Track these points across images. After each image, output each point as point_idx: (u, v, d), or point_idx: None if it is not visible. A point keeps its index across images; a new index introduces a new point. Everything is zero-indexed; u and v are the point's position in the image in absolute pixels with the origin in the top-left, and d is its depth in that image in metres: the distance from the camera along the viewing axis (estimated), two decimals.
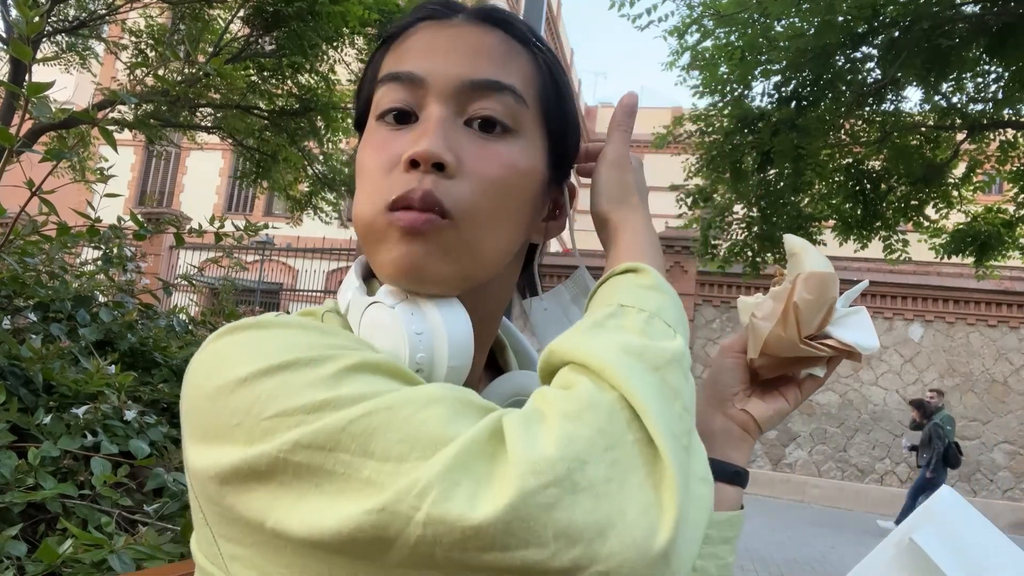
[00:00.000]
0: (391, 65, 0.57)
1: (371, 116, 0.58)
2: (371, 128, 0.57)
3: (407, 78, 0.55)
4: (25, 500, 1.25)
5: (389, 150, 0.54)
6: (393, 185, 0.52)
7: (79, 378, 1.60)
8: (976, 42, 5.51)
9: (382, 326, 0.53)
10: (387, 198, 0.52)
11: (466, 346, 0.53)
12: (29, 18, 1.60)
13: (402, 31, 0.59)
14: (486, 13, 0.60)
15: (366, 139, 0.58)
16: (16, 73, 4.67)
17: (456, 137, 0.53)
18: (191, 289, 3.03)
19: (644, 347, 0.45)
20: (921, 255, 8.37)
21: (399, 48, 0.58)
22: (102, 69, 9.47)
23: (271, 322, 0.48)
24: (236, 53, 6.73)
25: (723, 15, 5.99)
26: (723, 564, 0.64)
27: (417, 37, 0.58)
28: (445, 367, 0.52)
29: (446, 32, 0.57)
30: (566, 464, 0.38)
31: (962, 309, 11.11)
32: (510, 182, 0.55)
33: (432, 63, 0.55)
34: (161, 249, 11.33)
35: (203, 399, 0.45)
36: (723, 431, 0.68)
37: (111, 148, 1.78)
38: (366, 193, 0.54)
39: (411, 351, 0.51)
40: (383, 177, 0.53)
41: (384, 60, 0.59)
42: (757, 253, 7.48)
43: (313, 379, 0.42)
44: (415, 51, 0.57)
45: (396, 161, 0.53)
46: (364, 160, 0.56)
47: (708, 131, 7.12)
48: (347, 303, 0.59)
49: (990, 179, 7.20)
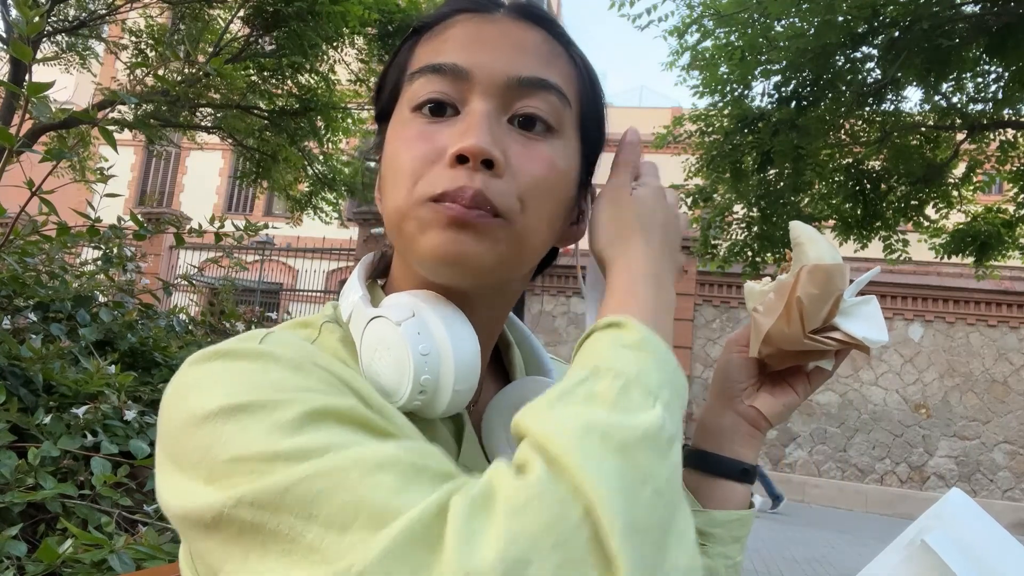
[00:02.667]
0: (429, 56, 0.55)
1: (402, 107, 0.56)
2: (404, 119, 0.55)
3: (451, 70, 0.53)
4: (25, 500, 1.25)
5: (430, 142, 0.52)
6: (437, 179, 0.51)
7: (79, 378, 1.60)
8: (976, 42, 5.51)
9: (386, 343, 0.52)
10: (431, 191, 0.51)
11: (472, 369, 0.52)
12: (29, 18, 1.60)
13: (437, 22, 0.58)
14: (528, 10, 0.58)
15: (398, 130, 0.55)
16: (16, 73, 4.67)
17: (501, 134, 0.52)
18: (191, 289, 3.03)
19: (611, 425, 0.39)
20: (921, 255, 8.37)
21: (436, 39, 0.56)
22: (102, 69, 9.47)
23: (246, 352, 0.46)
24: (236, 53, 6.72)
25: (723, 15, 5.98)
26: (732, 564, 0.64)
27: (458, 29, 0.56)
28: (450, 391, 0.51)
29: (490, 26, 0.56)
30: (504, 567, 0.34)
31: (962, 309, 11.10)
32: (552, 182, 0.55)
33: (477, 57, 0.54)
34: (161, 249, 11.33)
35: (171, 428, 0.45)
36: (732, 427, 0.67)
37: (111, 148, 1.78)
38: (402, 184, 0.53)
39: (415, 373, 0.50)
40: (424, 169, 0.52)
41: (417, 51, 0.58)
42: (757, 253, 7.48)
43: (271, 425, 0.41)
44: (457, 43, 0.55)
45: (438, 154, 0.52)
46: (398, 151, 0.54)
47: (708, 131, 7.12)
48: (349, 312, 0.57)
49: (990, 179, 7.20)
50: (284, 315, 11.48)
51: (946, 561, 0.51)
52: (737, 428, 0.67)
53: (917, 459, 11.00)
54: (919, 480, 10.96)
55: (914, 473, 10.98)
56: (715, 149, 6.87)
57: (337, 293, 0.67)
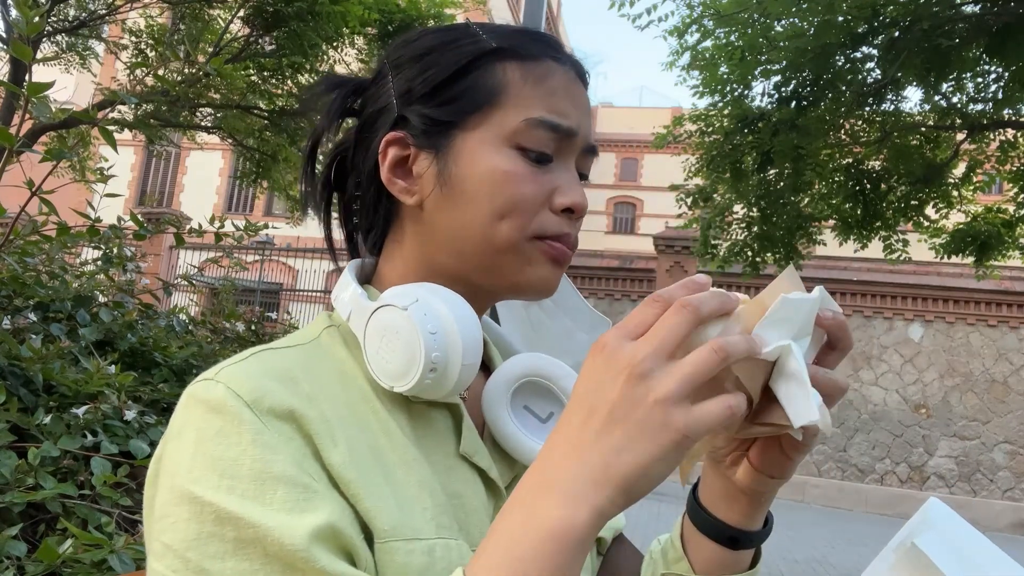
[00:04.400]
0: (539, 102, 0.59)
1: (497, 134, 0.59)
2: (503, 151, 0.59)
3: (566, 132, 0.60)
4: (25, 500, 1.25)
5: (540, 186, 0.59)
6: (547, 222, 0.59)
7: (79, 378, 1.60)
8: (976, 42, 5.52)
9: (395, 328, 0.56)
10: (539, 231, 0.59)
11: (477, 344, 0.57)
12: (29, 18, 1.60)
13: (530, 57, 0.61)
14: (582, 71, 0.65)
15: (496, 160, 0.59)
16: (16, 73, 4.67)
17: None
18: (191, 289, 3.03)
19: None
20: (921, 255, 8.37)
21: (540, 83, 0.60)
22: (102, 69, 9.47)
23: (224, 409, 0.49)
24: (236, 53, 6.73)
25: (723, 15, 5.99)
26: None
27: (558, 80, 0.61)
28: (460, 364, 0.55)
29: (576, 87, 0.62)
30: None
31: (962, 309, 11.11)
32: None
33: (579, 121, 0.61)
34: (161, 249, 11.32)
35: (153, 477, 0.51)
36: (723, 490, 0.59)
37: (111, 148, 1.78)
38: (508, 219, 0.58)
39: (426, 350, 0.54)
40: (532, 209, 0.59)
41: (515, 82, 0.60)
42: (757, 253, 7.48)
43: (191, 528, 0.46)
44: (564, 98, 0.61)
45: (544, 199, 0.59)
46: (501, 183, 0.58)
47: (708, 131, 7.13)
48: (349, 311, 0.60)
49: (990, 179, 7.20)
50: (284, 315, 11.48)
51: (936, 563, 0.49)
52: (727, 491, 0.59)
53: (917, 459, 11.01)
54: (919, 480, 10.96)
55: (914, 473, 10.98)
56: (715, 149, 6.88)
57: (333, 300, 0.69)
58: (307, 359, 0.57)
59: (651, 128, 7.99)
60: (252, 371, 0.52)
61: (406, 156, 0.61)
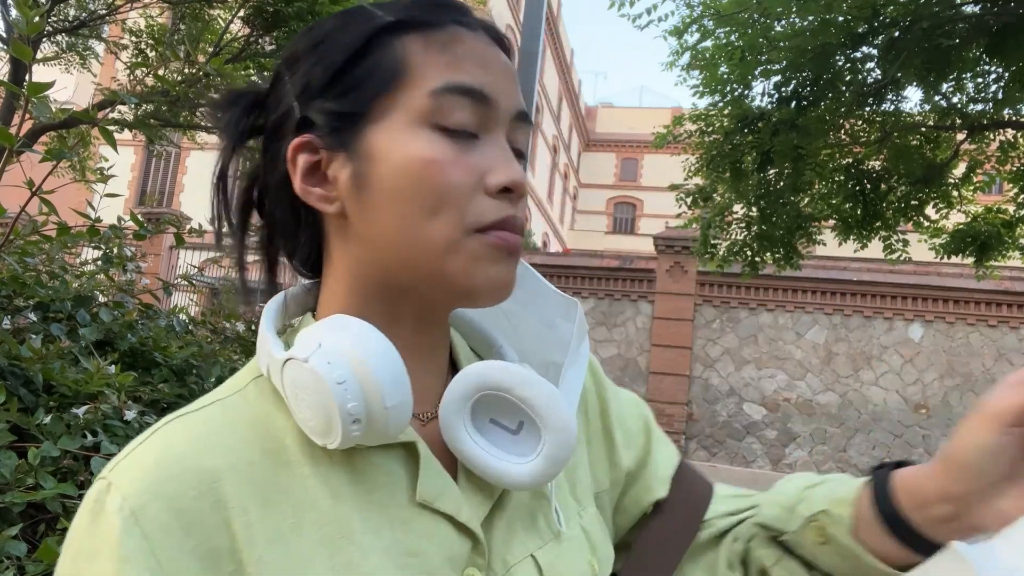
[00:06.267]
0: (444, 70, 0.52)
1: (411, 116, 0.52)
2: (416, 134, 0.52)
3: (479, 95, 0.52)
4: (25, 500, 1.25)
5: (464, 168, 0.51)
6: (485, 209, 0.52)
7: (79, 378, 1.60)
8: (976, 42, 5.51)
9: (303, 384, 0.48)
10: (479, 221, 0.52)
11: (397, 381, 0.48)
12: (29, 18, 1.60)
13: (432, 25, 0.54)
14: (499, 35, 0.58)
15: (413, 145, 0.51)
16: (16, 73, 4.67)
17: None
18: (191, 289, 3.03)
19: None
20: (921, 255, 8.37)
21: (447, 51, 0.53)
22: (102, 69, 9.47)
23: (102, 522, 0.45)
24: (236, 53, 6.73)
25: (723, 15, 5.99)
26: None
27: (467, 47, 0.54)
28: (382, 410, 0.47)
29: (489, 50, 0.55)
30: None
31: (962, 309, 11.10)
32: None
33: (496, 85, 0.54)
34: (161, 249, 11.33)
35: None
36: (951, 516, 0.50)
37: (111, 148, 1.78)
38: (439, 214, 0.51)
39: (339, 405, 0.47)
40: (464, 197, 0.51)
41: (416, 55, 0.53)
42: (756, 253, 7.48)
43: None
44: (474, 64, 0.53)
45: (477, 182, 0.52)
46: (424, 171, 0.51)
47: (708, 131, 7.13)
48: (266, 365, 0.53)
49: (990, 179, 7.20)
50: None
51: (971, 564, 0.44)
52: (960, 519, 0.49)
53: (917, 459, 10.98)
54: None
55: None
56: (715, 149, 6.88)
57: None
58: (225, 421, 0.51)
59: (651, 128, 7.99)
60: (147, 467, 0.46)
61: (318, 161, 0.54)
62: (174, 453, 0.47)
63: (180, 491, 0.46)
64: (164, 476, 0.46)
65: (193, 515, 0.45)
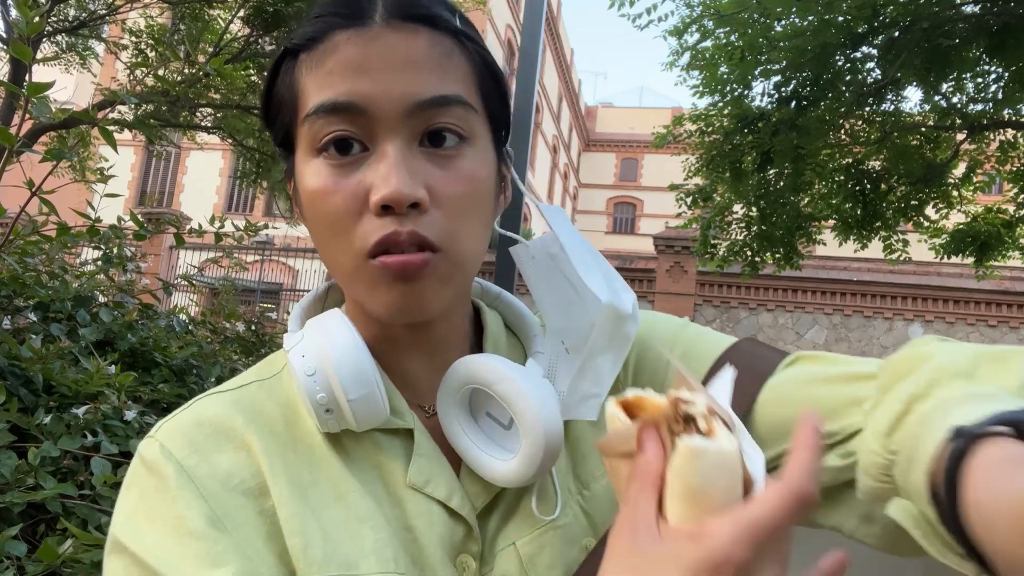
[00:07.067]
0: (317, 92, 0.51)
1: (303, 147, 0.53)
2: (311, 163, 0.52)
3: (345, 108, 0.50)
4: (25, 500, 1.25)
5: (346, 191, 0.50)
6: (368, 231, 0.50)
7: (79, 378, 1.60)
8: (976, 42, 5.52)
9: (291, 372, 0.53)
10: (365, 245, 0.50)
11: (359, 374, 0.51)
12: (29, 18, 1.60)
13: (314, 41, 0.52)
14: (406, 10, 0.51)
15: (308, 176, 0.52)
16: (16, 73, 4.67)
17: (417, 166, 0.50)
18: (191, 289, 3.03)
19: None
20: (921, 255, 8.37)
21: (319, 69, 0.51)
22: (102, 69, 9.48)
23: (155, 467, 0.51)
24: (236, 53, 6.72)
25: (723, 15, 5.99)
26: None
27: (339, 54, 0.50)
28: (346, 403, 0.51)
29: (370, 45, 0.50)
30: None
31: (962, 309, 11.11)
32: (476, 195, 0.53)
33: (369, 86, 0.49)
34: (161, 249, 11.33)
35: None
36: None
37: (111, 148, 1.78)
38: (336, 242, 0.52)
39: (308, 395, 0.51)
40: (351, 222, 0.50)
41: (303, 81, 0.52)
42: (756, 253, 7.49)
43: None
44: (342, 73, 0.50)
45: (360, 204, 0.50)
46: (316, 202, 0.52)
47: (708, 131, 7.13)
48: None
49: (990, 179, 7.21)
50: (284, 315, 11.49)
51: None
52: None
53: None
54: None
55: None
56: (715, 149, 6.88)
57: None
58: (257, 398, 0.56)
59: (651, 128, 7.99)
60: (188, 427, 0.53)
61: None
62: (208, 415, 0.54)
63: (216, 443, 0.52)
64: (202, 432, 0.53)
65: (230, 461, 0.52)
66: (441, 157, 0.52)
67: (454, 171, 0.52)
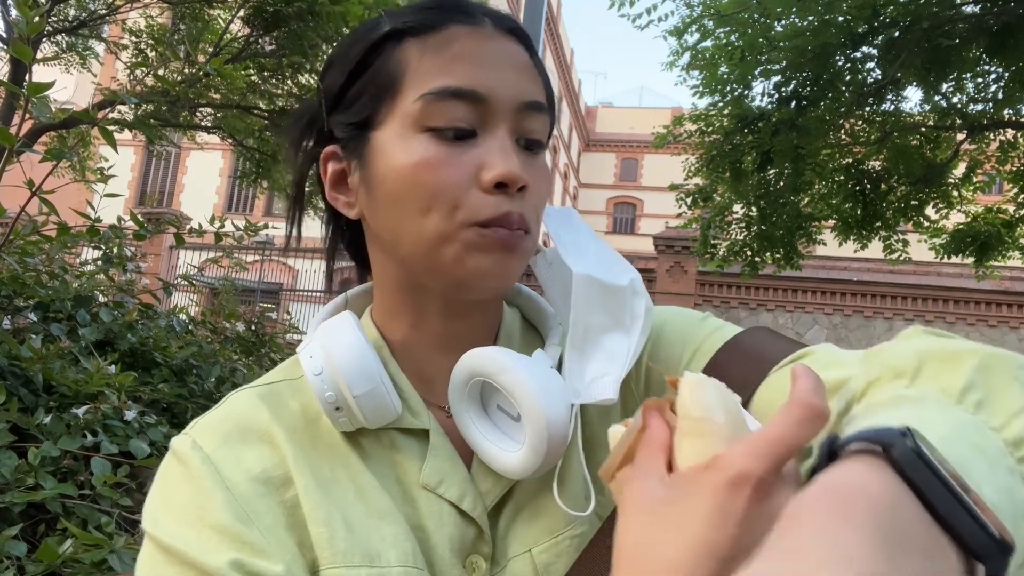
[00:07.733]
0: (439, 75, 0.54)
1: (405, 122, 0.54)
2: (416, 138, 0.54)
3: (470, 96, 0.54)
4: (25, 500, 1.25)
5: (458, 167, 0.53)
6: (479, 205, 0.53)
7: (79, 378, 1.60)
8: (976, 42, 5.52)
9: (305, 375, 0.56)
10: (473, 216, 0.53)
11: (363, 372, 0.54)
12: (29, 18, 1.60)
13: (429, 28, 0.56)
14: (510, 25, 0.59)
15: (407, 150, 0.54)
16: (16, 73, 4.67)
17: (519, 158, 0.55)
18: (191, 289, 3.03)
19: None
20: (921, 255, 8.37)
21: (439, 54, 0.55)
22: (102, 69, 9.47)
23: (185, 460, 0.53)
24: (236, 53, 6.72)
25: (723, 15, 5.99)
26: None
27: (462, 45, 0.55)
28: (352, 400, 0.53)
29: (489, 44, 0.56)
30: None
31: (962, 309, 11.10)
32: (549, 193, 0.59)
33: (491, 80, 0.54)
34: (161, 249, 11.32)
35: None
36: None
37: (111, 148, 1.78)
38: (438, 210, 0.53)
39: (319, 395, 0.54)
40: (459, 193, 0.53)
41: (418, 62, 0.55)
42: (756, 253, 7.49)
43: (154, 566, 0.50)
44: (466, 63, 0.54)
45: (470, 179, 0.53)
46: (420, 174, 0.53)
47: (708, 131, 7.13)
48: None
49: (990, 179, 7.20)
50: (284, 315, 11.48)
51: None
52: None
53: None
54: None
55: None
56: (715, 149, 6.88)
57: (338, 293, 0.67)
58: (283, 396, 0.59)
59: (651, 128, 8.00)
60: (219, 423, 0.56)
61: (342, 169, 0.59)
62: (238, 408, 0.57)
63: (243, 436, 0.55)
64: (229, 427, 0.55)
65: (255, 452, 0.54)
66: (531, 157, 0.57)
67: (540, 171, 0.58)
